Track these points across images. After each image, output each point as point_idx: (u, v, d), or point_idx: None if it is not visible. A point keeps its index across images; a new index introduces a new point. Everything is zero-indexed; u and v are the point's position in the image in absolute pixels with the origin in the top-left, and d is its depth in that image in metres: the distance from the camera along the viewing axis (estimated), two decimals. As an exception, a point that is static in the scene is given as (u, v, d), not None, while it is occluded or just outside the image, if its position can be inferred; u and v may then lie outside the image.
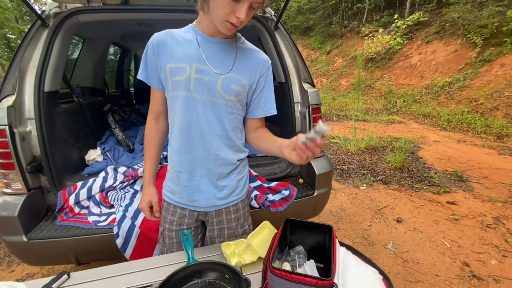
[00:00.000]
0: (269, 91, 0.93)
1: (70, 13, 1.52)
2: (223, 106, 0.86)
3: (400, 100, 8.06)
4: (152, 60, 0.86)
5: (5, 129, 1.29)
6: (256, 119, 0.95)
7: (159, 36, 0.85)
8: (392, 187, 3.21)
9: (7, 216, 1.30)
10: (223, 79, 0.83)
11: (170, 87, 0.85)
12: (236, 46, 0.86)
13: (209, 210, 0.97)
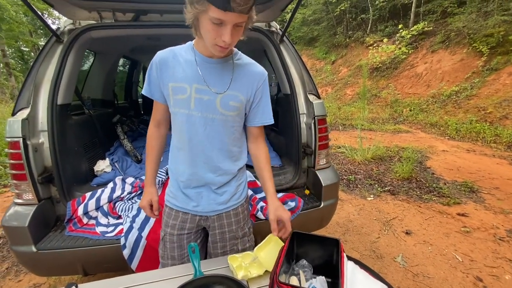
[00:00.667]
0: (266, 101, 1.00)
1: (84, 30, 1.58)
2: (222, 121, 0.92)
3: (407, 109, 8.01)
4: (155, 77, 0.91)
5: (19, 141, 1.33)
6: (254, 127, 1.02)
7: (162, 55, 0.90)
8: (400, 198, 3.16)
9: (17, 226, 1.32)
10: (222, 97, 0.89)
11: (172, 104, 0.91)
12: (233, 64, 0.91)
13: (210, 214, 1.02)
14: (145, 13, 1.68)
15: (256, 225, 1.47)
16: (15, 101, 1.45)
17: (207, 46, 0.82)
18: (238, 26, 0.75)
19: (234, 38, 0.78)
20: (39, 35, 21.85)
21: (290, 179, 1.82)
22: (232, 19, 0.72)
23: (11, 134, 1.34)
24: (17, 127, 1.34)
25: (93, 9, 1.60)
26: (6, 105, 7.90)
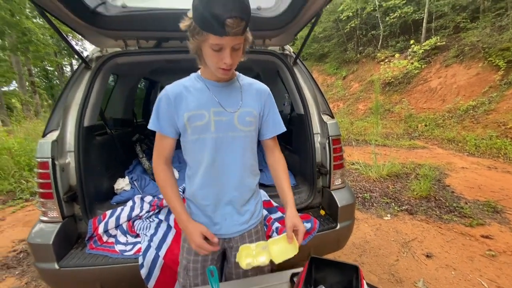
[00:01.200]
0: (274, 113, 1.07)
1: (110, 57, 1.70)
2: (243, 137, 0.98)
3: (422, 124, 7.85)
4: (166, 110, 0.94)
5: (48, 161, 1.41)
6: (269, 139, 1.08)
7: (173, 89, 0.94)
8: (418, 217, 3.05)
9: (42, 243, 1.38)
10: (238, 115, 0.96)
11: (189, 133, 0.94)
12: (239, 84, 1.00)
13: (234, 235, 1.04)
14: (166, 40, 1.79)
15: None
16: (46, 123, 1.55)
17: (212, 71, 0.90)
18: (236, 48, 0.82)
19: (235, 59, 0.85)
20: (63, 55, 23.28)
21: (305, 198, 1.81)
22: (229, 43, 0.79)
23: (41, 155, 1.43)
24: (47, 148, 1.43)
25: (119, 38, 1.72)
26: (31, 122, 8.32)
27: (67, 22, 1.48)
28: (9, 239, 3.05)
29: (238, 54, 0.85)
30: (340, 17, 14.58)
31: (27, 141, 5.90)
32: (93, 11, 1.46)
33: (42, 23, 16.61)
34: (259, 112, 1.01)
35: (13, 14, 12.78)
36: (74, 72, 1.67)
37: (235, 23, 0.73)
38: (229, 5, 0.71)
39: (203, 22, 0.76)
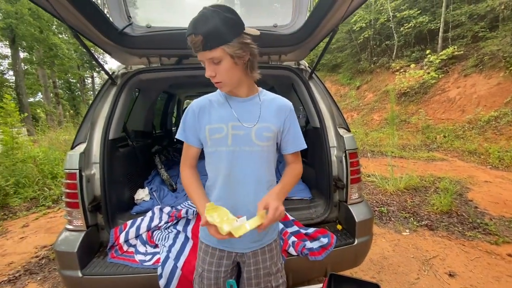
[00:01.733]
0: (295, 129, 1.06)
1: (135, 73, 1.80)
2: (259, 152, 0.99)
3: (440, 135, 7.61)
4: (191, 122, 1.02)
5: (76, 172, 1.49)
6: (289, 155, 1.08)
7: (199, 103, 1.03)
8: (439, 234, 2.92)
9: (67, 251, 1.44)
10: (255, 130, 0.98)
11: (209, 144, 1.00)
12: (259, 100, 1.02)
13: (246, 251, 1.04)
14: (187, 57, 1.88)
15: (288, 261, 1.45)
16: (75, 136, 1.64)
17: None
18: (215, 62, 0.86)
19: (219, 73, 0.88)
20: (85, 68, 24.57)
21: (321, 212, 1.80)
22: (201, 57, 0.87)
23: (70, 166, 1.51)
24: (75, 159, 1.52)
25: (143, 56, 1.82)
26: (54, 132, 8.75)
27: (97, 43, 1.59)
28: (32, 245, 3.18)
29: (221, 67, 0.87)
30: (353, 28, 14.62)
31: (51, 150, 6.20)
32: (121, 32, 1.57)
33: (67, 38, 17.72)
34: (278, 128, 1.01)
35: (42, 30, 13.69)
36: (101, 88, 1.78)
37: (192, 40, 0.82)
38: (190, 26, 0.82)
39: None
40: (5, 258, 2.92)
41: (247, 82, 0.99)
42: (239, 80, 0.95)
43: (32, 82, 17.29)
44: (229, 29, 0.83)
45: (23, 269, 2.67)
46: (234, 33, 0.84)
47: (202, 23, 0.80)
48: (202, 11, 0.82)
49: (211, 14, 0.81)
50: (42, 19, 12.97)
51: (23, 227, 3.69)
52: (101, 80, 31.97)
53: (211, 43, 0.82)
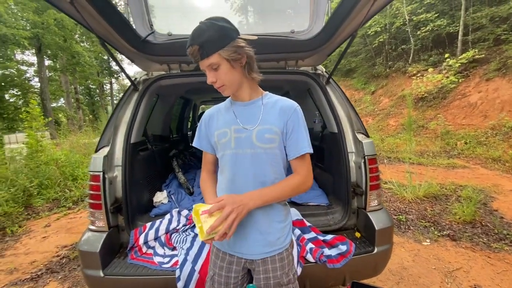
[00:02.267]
0: (299, 132, 1.01)
1: (155, 79, 1.86)
2: (262, 155, 0.98)
3: (461, 141, 7.32)
4: (204, 130, 1.10)
5: (100, 175, 1.55)
6: (293, 160, 1.02)
7: (209, 112, 1.12)
8: (463, 245, 2.79)
9: (90, 251, 1.48)
10: (256, 132, 0.99)
11: (218, 149, 1.05)
12: (262, 102, 1.03)
13: (255, 258, 1.01)
14: (205, 63, 1.92)
15: (306, 268, 1.44)
16: (99, 140, 1.71)
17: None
18: (214, 68, 0.91)
19: (220, 78, 0.93)
20: (104, 75, 25.58)
21: (339, 219, 1.76)
22: (201, 66, 0.93)
23: (94, 169, 1.57)
24: (99, 162, 1.57)
25: (163, 62, 1.88)
26: (75, 135, 9.12)
27: (122, 51, 1.66)
28: (54, 244, 3.30)
29: (221, 72, 0.92)
30: (368, 32, 14.45)
31: (71, 153, 6.46)
32: (144, 40, 1.63)
33: (89, 46, 18.56)
34: (281, 129, 0.99)
35: (66, 39, 14.42)
36: (124, 94, 1.84)
37: (190, 50, 0.90)
38: (189, 38, 0.89)
39: None
40: (28, 256, 3.05)
41: (248, 84, 1.02)
42: (240, 82, 0.98)
43: (55, 88, 18.16)
44: (222, 36, 0.89)
45: (45, 267, 2.77)
46: (228, 39, 0.89)
47: (198, 35, 0.87)
48: (198, 25, 0.89)
49: (206, 26, 0.87)
50: (66, 28, 13.67)
51: (45, 227, 3.85)
52: (118, 86, 33.17)
53: (207, 50, 0.88)
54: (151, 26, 1.81)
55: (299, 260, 1.44)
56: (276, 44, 1.79)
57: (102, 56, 22.29)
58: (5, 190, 4.25)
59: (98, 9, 1.25)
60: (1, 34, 11.02)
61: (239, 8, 2.36)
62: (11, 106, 13.99)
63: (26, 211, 4.31)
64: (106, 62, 25.15)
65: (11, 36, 11.36)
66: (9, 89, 14.12)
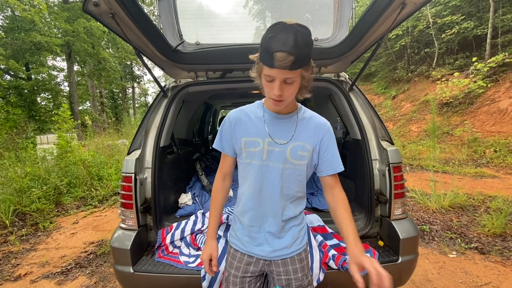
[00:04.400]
0: (334, 150, 1.04)
1: (183, 87, 1.95)
2: (292, 170, 1.00)
3: (490, 150, 6.95)
4: (228, 133, 1.06)
5: (132, 176, 1.64)
6: (328, 177, 1.04)
7: (235, 115, 1.06)
8: (492, 258, 2.66)
9: (121, 248, 1.57)
10: (291, 148, 0.99)
11: (244, 156, 1.03)
12: (297, 118, 1.02)
13: (275, 259, 1.04)
14: (230, 71, 1.99)
15: (328, 274, 1.44)
16: (130, 143, 1.82)
17: (267, 100, 0.98)
18: (288, 82, 0.86)
19: (286, 93, 0.88)
20: (127, 79, 26.70)
21: (361, 227, 1.75)
22: (278, 75, 0.84)
23: (127, 170, 1.67)
24: (131, 164, 1.67)
25: (191, 70, 1.97)
26: (100, 137, 9.57)
27: (153, 60, 1.77)
28: (81, 240, 3.48)
29: (291, 88, 0.88)
30: (389, 35, 14.12)
31: (97, 154, 6.79)
32: (174, 49, 1.72)
33: (113, 52, 19.48)
34: (313, 147, 1.01)
35: (94, 46, 15.24)
36: (154, 100, 1.95)
37: (282, 56, 0.79)
38: (282, 42, 0.79)
39: (261, 54, 0.86)
40: (58, 251, 3.24)
41: (293, 100, 1.00)
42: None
43: (82, 92, 19.20)
44: (310, 54, 0.85)
45: (74, 262, 2.93)
46: (310, 58, 0.86)
47: (294, 43, 0.79)
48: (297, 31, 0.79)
49: (304, 39, 0.80)
50: (94, 36, 14.45)
51: (73, 223, 4.07)
52: (140, 90, 34.45)
53: (298, 64, 0.82)
54: (181, 36, 1.91)
55: (322, 266, 1.45)
56: (300, 52, 1.82)
57: (125, 62, 23.31)
58: (38, 188, 4.55)
59: (135, 22, 1.35)
60: (36, 41, 11.84)
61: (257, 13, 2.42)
62: (43, 109, 14.95)
63: (56, 208, 4.59)
64: (128, 67, 26.27)
65: (44, 43, 12.18)
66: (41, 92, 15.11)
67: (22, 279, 2.63)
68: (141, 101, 36.21)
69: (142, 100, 36.67)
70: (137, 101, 33.92)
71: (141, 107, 35.89)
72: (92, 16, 1.32)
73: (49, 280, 2.61)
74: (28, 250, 3.25)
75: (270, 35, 0.82)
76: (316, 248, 1.49)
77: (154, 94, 43.00)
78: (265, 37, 0.83)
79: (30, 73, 14.20)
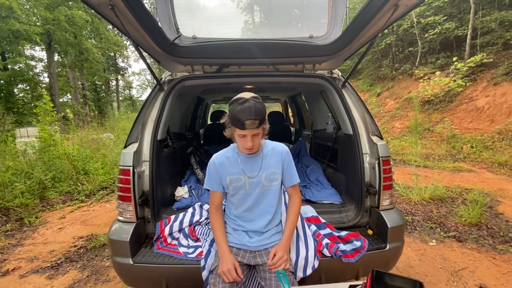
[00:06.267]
0: (291, 168, 1.44)
1: (180, 80, 1.96)
2: (269, 190, 1.40)
3: (467, 145, 7.35)
4: (214, 174, 1.40)
5: (130, 169, 1.65)
6: (288, 187, 1.46)
7: (219, 160, 1.41)
8: (468, 246, 2.87)
9: (120, 240, 1.58)
10: (265, 176, 1.38)
11: (231, 189, 1.39)
12: (262, 154, 1.40)
13: (259, 249, 1.39)
14: (227, 65, 2.02)
15: (322, 261, 1.52)
16: (127, 136, 1.81)
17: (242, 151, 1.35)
18: (255, 135, 1.23)
19: (255, 142, 1.25)
20: (111, 71, 25.81)
21: (352, 217, 1.85)
22: (248, 133, 1.21)
23: (124, 163, 1.67)
24: (128, 157, 1.67)
25: (188, 64, 1.98)
26: (83, 130, 9.25)
27: (151, 53, 1.76)
28: (70, 235, 3.42)
29: (257, 139, 1.27)
30: (375, 34, 14.41)
31: (82, 148, 6.59)
32: (172, 43, 1.73)
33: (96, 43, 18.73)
34: (281, 169, 1.40)
35: (76, 36, 14.59)
36: (151, 93, 1.95)
37: (251, 122, 1.17)
38: (247, 113, 1.16)
39: (233, 121, 1.21)
40: (46, 246, 3.18)
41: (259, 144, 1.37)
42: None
43: (62, 84, 18.37)
44: (265, 114, 1.25)
45: (64, 257, 2.89)
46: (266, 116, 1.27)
47: (259, 112, 1.18)
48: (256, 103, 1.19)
49: (261, 106, 1.21)
50: (76, 25, 13.82)
51: (60, 218, 3.98)
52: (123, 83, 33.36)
53: (261, 122, 1.22)
54: (177, 30, 1.91)
55: (316, 254, 1.53)
56: (295, 49, 1.87)
57: (108, 53, 22.48)
58: (21, 182, 4.39)
59: (135, 14, 1.34)
60: (14, 29, 11.20)
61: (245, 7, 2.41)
62: (21, 101, 14.22)
63: (41, 203, 4.45)
64: (112, 58, 25.35)
65: (23, 32, 11.54)
66: (19, 83, 14.35)
67: (10, 274, 2.58)
68: (125, 94, 35.15)
69: (126, 93, 35.61)
70: (121, 94, 32.85)
71: (125, 100, 34.84)
72: (90, 7, 1.30)
73: (39, 274, 2.57)
74: (15, 246, 3.16)
75: (237, 108, 1.18)
76: (310, 237, 1.57)
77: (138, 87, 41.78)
78: (233, 110, 1.19)
79: (7, 63, 13.43)
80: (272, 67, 2.05)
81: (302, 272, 1.44)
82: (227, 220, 1.51)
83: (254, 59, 1.90)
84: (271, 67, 2.06)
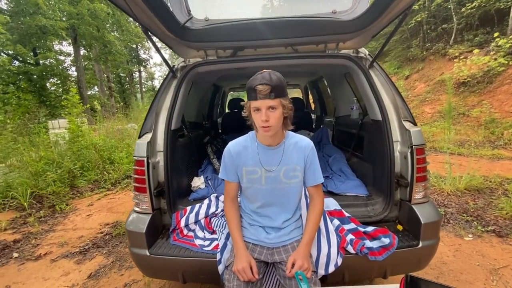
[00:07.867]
0: (315, 166, 1.29)
1: (193, 66, 1.86)
2: (287, 188, 1.27)
3: (509, 131, 6.67)
4: (230, 163, 1.29)
5: (144, 160, 1.61)
6: (310, 187, 1.31)
7: (234, 148, 1.28)
8: (510, 242, 2.59)
9: (137, 231, 1.57)
10: (284, 171, 1.24)
11: (245, 181, 1.28)
12: (284, 147, 1.25)
13: (277, 245, 1.29)
14: (242, 49, 1.89)
15: (346, 259, 1.41)
16: (141, 126, 1.77)
17: (259, 131, 1.17)
18: (272, 108, 1.08)
19: (272, 119, 1.08)
20: (133, 63, 26.50)
21: (379, 211, 1.70)
22: (262, 104, 1.07)
23: (138, 154, 1.63)
24: (142, 148, 1.63)
25: (200, 49, 1.87)
26: (109, 121, 9.62)
27: (162, 38, 1.67)
28: (97, 222, 3.58)
29: (275, 114, 1.09)
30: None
31: (108, 138, 6.85)
32: (183, 26, 1.62)
33: (119, 36, 19.19)
34: (303, 166, 1.26)
35: (99, 29, 15.01)
36: (163, 81, 1.88)
37: (262, 88, 1.05)
38: (259, 79, 1.07)
39: (248, 93, 1.11)
40: (76, 232, 3.35)
41: (280, 131, 1.22)
42: (279, 128, 1.17)
43: (89, 77, 19.19)
44: (285, 87, 1.11)
45: (91, 242, 3.02)
46: (286, 91, 1.14)
47: (269, 78, 1.06)
48: (267, 72, 1.08)
49: (274, 75, 1.08)
50: (99, 18, 14.19)
51: (88, 205, 4.18)
52: (146, 74, 34.23)
53: (275, 93, 1.06)
54: (189, 12, 1.79)
55: (339, 250, 1.41)
56: (316, 26, 1.70)
57: (130, 45, 22.99)
58: (53, 171, 4.65)
59: (143, -4, 1.25)
60: (41, 25, 11.71)
61: None
62: (53, 94, 15.07)
63: (71, 191, 4.71)
64: (134, 50, 25.94)
65: (50, 27, 12.05)
66: (50, 78, 15.17)
67: (42, 258, 2.74)
68: (148, 85, 36.07)
69: (149, 84, 36.52)
70: (144, 85, 33.79)
71: (148, 91, 35.83)
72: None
73: (68, 259, 2.71)
74: (47, 231, 3.36)
75: (251, 78, 1.10)
76: (333, 233, 1.45)
77: (160, 78, 42.69)
78: (248, 81, 1.10)
79: (38, 58, 14.19)
80: (291, 48, 1.89)
81: (323, 269, 1.34)
82: (242, 214, 1.42)
83: (271, 39, 1.75)
84: (289, 49, 1.90)
